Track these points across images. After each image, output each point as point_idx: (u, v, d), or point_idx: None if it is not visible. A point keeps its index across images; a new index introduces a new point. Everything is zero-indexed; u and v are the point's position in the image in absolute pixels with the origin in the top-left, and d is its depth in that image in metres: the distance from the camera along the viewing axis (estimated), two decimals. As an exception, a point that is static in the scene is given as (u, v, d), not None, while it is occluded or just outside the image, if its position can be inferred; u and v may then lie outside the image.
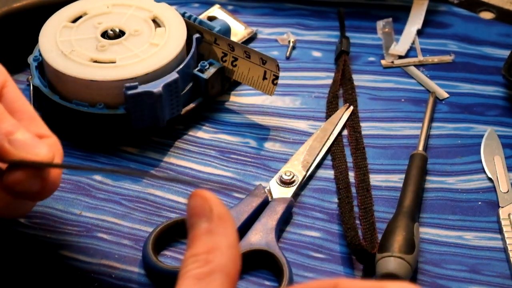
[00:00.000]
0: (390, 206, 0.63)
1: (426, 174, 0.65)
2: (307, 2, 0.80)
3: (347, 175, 0.65)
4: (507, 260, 0.60)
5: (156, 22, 0.70)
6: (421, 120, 0.69)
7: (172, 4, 0.72)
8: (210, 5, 0.79)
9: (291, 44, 0.76)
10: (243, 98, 0.72)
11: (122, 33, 0.69)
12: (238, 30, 0.77)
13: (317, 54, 0.76)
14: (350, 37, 0.76)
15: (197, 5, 0.80)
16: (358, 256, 0.59)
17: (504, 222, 0.62)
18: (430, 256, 0.60)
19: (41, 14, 0.71)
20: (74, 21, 0.70)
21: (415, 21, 0.78)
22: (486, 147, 0.67)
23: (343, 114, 0.70)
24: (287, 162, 0.66)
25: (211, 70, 0.69)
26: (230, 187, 0.63)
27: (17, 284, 0.59)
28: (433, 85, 0.73)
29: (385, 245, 0.58)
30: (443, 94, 0.72)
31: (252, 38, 0.77)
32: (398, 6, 0.80)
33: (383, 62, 0.75)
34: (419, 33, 0.77)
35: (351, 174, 0.65)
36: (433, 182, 0.65)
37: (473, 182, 0.65)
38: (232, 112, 0.71)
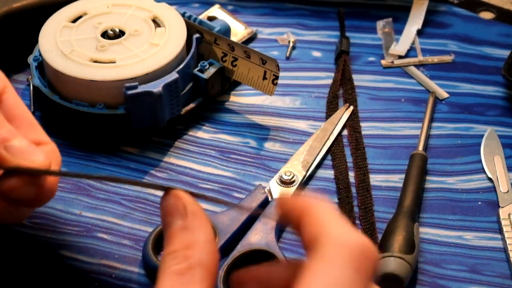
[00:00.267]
0: (390, 206, 0.63)
1: (426, 174, 0.65)
2: (307, 2, 0.80)
3: (347, 175, 0.65)
4: (507, 260, 0.60)
5: (156, 22, 0.70)
6: (421, 120, 0.69)
7: (172, 4, 0.72)
8: (210, 5, 0.79)
9: (291, 44, 0.76)
10: (243, 98, 0.72)
11: (122, 33, 0.69)
12: (238, 30, 0.77)
13: (317, 54, 0.76)
14: (350, 37, 0.76)
15: (197, 5, 0.80)
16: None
17: (504, 222, 0.62)
18: (430, 256, 0.60)
19: (41, 14, 0.71)
20: (74, 21, 0.70)
21: (415, 21, 0.78)
22: (486, 147, 0.67)
23: (343, 114, 0.70)
24: (287, 162, 0.66)
25: (211, 70, 0.69)
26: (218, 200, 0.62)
27: (17, 284, 0.59)
28: (433, 85, 0.73)
29: (385, 245, 0.58)
30: (443, 94, 0.72)
31: (252, 38, 0.77)
32: (398, 6, 0.80)
33: (383, 62, 0.75)
34: (419, 33, 0.77)
35: (351, 174, 0.65)
36: (433, 182, 0.65)
37: (473, 182, 0.65)
38: (232, 112, 0.71)
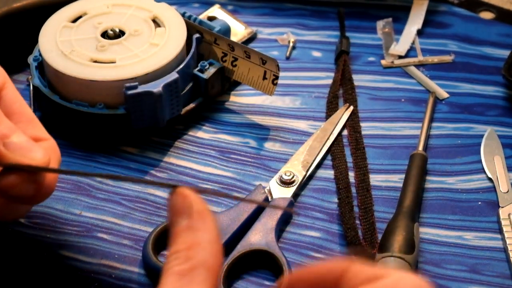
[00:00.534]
0: (390, 206, 0.63)
1: (426, 174, 0.65)
2: (307, 2, 0.80)
3: (347, 175, 0.65)
4: (507, 260, 0.60)
5: (156, 22, 0.70)
6: (421, 120, 0.69)
7: (172, 4, 0.72)
8: (210, 5, 0.79)
9: (291, 44, 0.76)
10: (243, 98, 0.72)
11: (122, 33, 0.69)
12: (238, 30, 0.77)
13: (317, 54, 0.76)
14: (350, 37, 0.76)
15: (197, 5, 0.80)
16: (358, 256, 0.59)
17: (504, 222, 0.61)
18: (430, 256, 0.60)
19: (41, 14, 0.71)
20: (74, 21, 0.70)
21: (415, 21, 0.78)
22: (486, 147, 0.67)
23: (343, 114, 0.70)
24: (287, 162, 0.66)
25: (211, 70, 0.69)
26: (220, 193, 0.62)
27: (17, 284, 0.59)
28: (433, 85, 0.73)
29: (385, 245, 0.58)
30: (443, 94, 0.72)
31: (252, 38, 0.77)
32: (398, 6, 0.80)
33: (383, 62, 0.75)
34: (419, 33, 0.77)
35: (351, 174, 0.65)
36: (433, 182, 0.65)
37: (473, 182, 0.65)
38: (232, 112, 0.71)
